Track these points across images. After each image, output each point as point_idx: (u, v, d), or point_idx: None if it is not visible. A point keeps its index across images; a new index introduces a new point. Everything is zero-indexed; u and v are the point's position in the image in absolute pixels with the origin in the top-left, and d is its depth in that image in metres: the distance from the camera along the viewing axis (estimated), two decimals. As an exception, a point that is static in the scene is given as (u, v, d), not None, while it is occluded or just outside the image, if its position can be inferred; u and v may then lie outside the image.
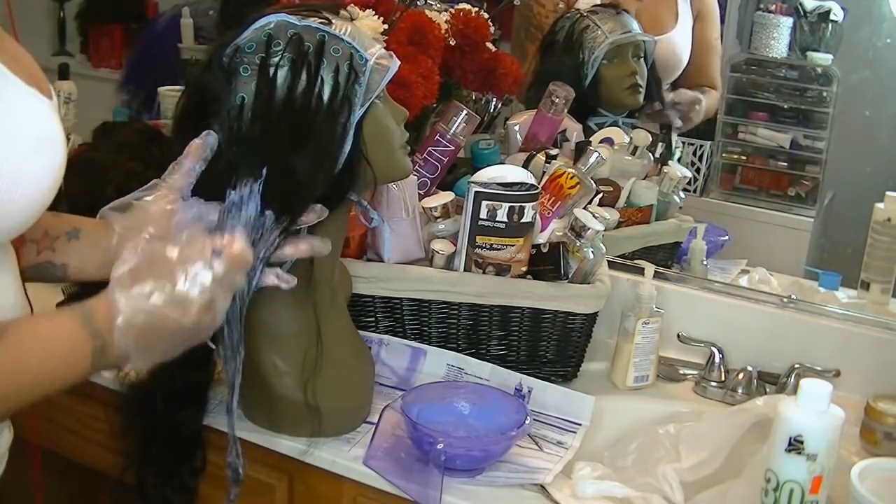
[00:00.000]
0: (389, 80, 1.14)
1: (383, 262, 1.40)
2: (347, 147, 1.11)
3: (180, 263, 0.88)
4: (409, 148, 1.21)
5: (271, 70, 1.07)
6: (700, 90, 1.84)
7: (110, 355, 0.87)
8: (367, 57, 1.10)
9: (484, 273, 1.36)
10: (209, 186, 1.08)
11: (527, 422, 1.18)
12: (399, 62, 1.16)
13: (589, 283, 1.40)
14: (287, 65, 1.07)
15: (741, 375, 1.45)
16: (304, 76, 1.07)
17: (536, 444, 1.26)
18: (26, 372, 0.83)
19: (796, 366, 1.44)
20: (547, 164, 1.50)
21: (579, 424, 1.31)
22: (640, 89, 1.80)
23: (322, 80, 1.08)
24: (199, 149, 1.06)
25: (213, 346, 1.10)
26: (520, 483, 1.17)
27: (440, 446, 1.14)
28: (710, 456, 1.23)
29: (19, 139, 0.81)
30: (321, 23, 1.10)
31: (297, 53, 1.08)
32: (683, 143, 1.84)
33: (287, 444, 1.24)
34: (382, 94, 1.15)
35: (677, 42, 1.84)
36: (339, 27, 1.11)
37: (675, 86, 1.88)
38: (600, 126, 1.79)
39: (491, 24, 1.68)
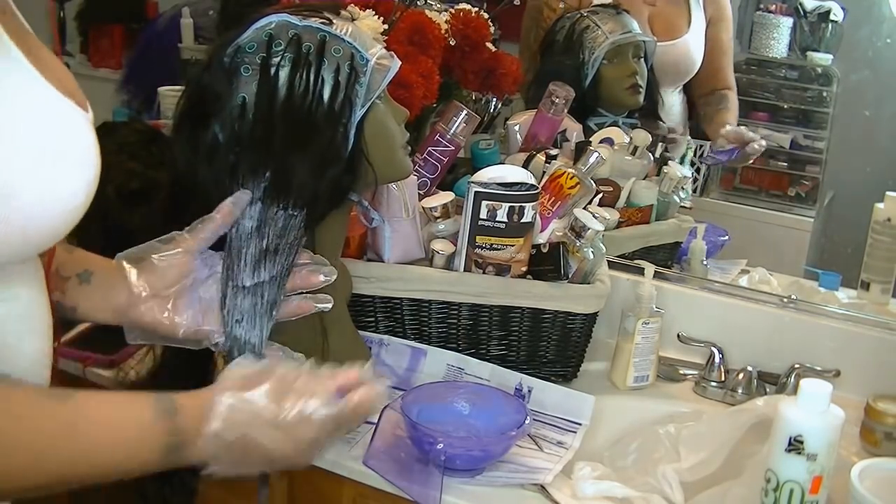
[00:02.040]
0: (390, 81, 1.14)
1: (383, 262, 1.40)
2: (349, 147, 1.11)
3: (300, 392, 0.85)
4: (409, 148, 1.21)
5: (272, 70, 1.07)
6: (720, 93, 1.82)
7: (189, 454, 0.82)
8: (368, 57, 1.10)
9: (484, 273, 1.36)
10: (211, 187, 1.08)
11: (527, 422, 1.18)
12: (399, 62, 1.16)
13: (589, 283, 1.39)
14: (288, 65, 1.07)
15: (741, 375, 1.45)
16: (305, 76, 1.07)
17: (536, 444, 1.26)
18: (77, 453, 0.76)
19: (796, 366, 1.44)
20: (547, 164, 1.50)
21: (579, 424, 1.31)
22: (641, 89, 1.80)
23: (323, 80, 1.08)
24: (230, 213, 1.05)
25: (215, 349, 1.11)
26: (520, 483, 1.17)
27: (440, 446, 1.14)
28: (710, 456, 1.23)
29: (56, 150, 0.76)
30: (322, 23, 1.10)
31: (297, 53, 1.08)
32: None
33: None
34: (383, 95, 1.15)
35: (691, 46, 1.83)
36: (340, 27, 1.11)
37: (686, 88, 1.87)
38: (600, 126, 1.79)
39: (491, 24, 1.68)
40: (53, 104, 0.77)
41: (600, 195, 1.49)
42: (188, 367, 1.14)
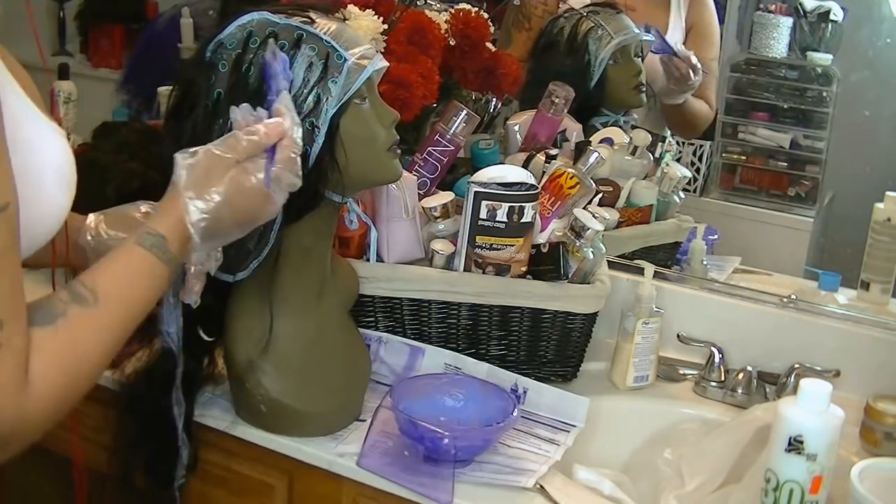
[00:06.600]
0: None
1: (383, 262, 1.40)
2: (318, 144, 1.10)
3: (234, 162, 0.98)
4: (399, 151, 1.19)
5: (244, 66, 1.08)
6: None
7: (180, 261, 0.98)
8: (347, 56, 1.10)
9: (484, 273, 1.36)
10: None
11: (514, 414, 1.18)
12: (384, 63, 1.16)
13: (589, 283, 1.39)
14: (261, 62, 1.08)
15: (741, 375, 1.45)
16: None
17: (530, 443, 1.25)
18: (123, 320, 0.91)
19: (796, 366, 1.44)
20: (547, 164, 1.50)
21: (573, 426, 1.30)
22: (644, 88, 1.80)
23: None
24: None
25: (210, 339, 1.11)
26: (502, 485, 1.16)
27: (446, 441, 1.13)
28: (712, 476, 1.23)
29: (46, 177, 0.85)
30: (303, 21, 1.10)
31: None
32: (683, 143, 1.84)
33: (286, 444, 1.23)
34: (369, 95, 1.15)
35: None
36: (321, 26, 1.10)
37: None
38: (606, 125, 1.79)
39: (491, 24, 1.68)
40: (47, 133, 0.86)
41: (600, 195, 1.49)
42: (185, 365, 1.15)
